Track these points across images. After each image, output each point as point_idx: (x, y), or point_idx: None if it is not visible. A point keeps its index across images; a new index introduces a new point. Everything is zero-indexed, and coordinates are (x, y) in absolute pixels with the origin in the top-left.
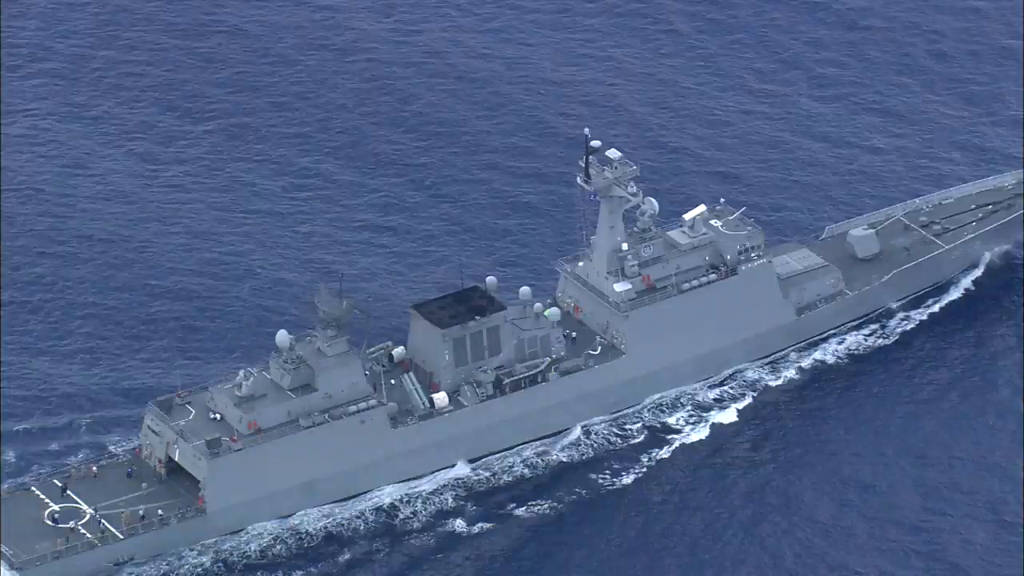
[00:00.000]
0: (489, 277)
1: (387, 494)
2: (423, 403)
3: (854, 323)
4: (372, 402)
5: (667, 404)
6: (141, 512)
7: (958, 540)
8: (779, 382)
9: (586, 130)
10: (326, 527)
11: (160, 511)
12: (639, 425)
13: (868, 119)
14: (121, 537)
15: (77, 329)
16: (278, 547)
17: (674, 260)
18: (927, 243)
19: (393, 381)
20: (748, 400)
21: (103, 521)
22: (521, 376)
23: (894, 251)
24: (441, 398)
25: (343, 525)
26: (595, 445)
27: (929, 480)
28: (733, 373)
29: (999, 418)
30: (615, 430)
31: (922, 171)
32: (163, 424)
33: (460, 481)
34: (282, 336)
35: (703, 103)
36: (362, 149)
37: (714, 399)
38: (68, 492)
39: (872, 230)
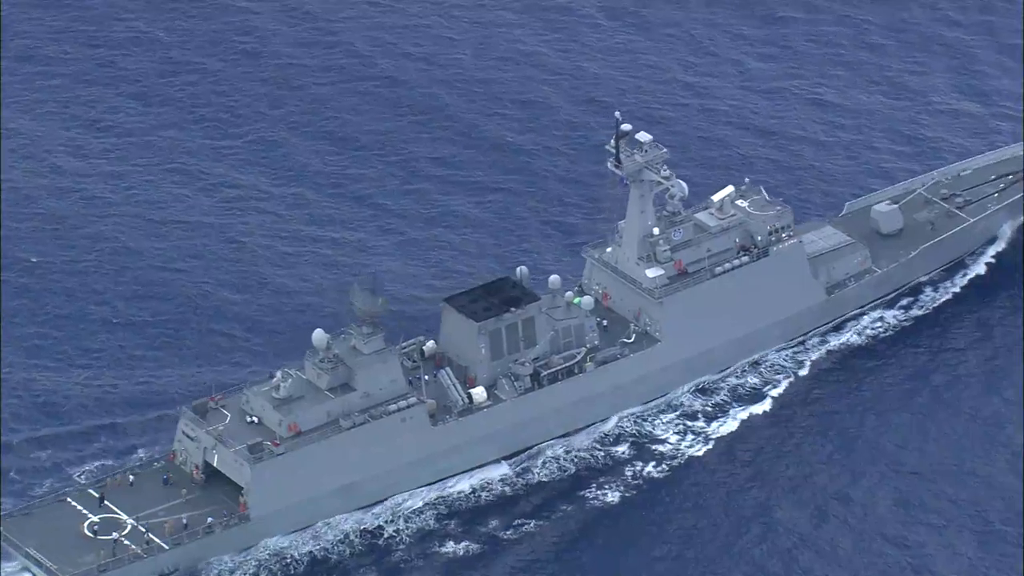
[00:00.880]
0: (520, 267)
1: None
2: (462, 399)
3: (879, 301)
4: (412, 400)
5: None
6: (184, 521)
7: None
8: (803, 372)
9: (617, 113)
10: (311, 551)
11: (209, 519)
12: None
13: (875, 98)
14: (166, 547)
15: (87, 334)
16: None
17: (705, 243)
18: (951, 216)
19: (427, 377)
20: (747, 414)
21: (148, 532)
22: (558, 368)
23: (918, 226)
24: (479, 393)
25: (327, 549)
26: (576, 460)
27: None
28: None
29: None
30: (598, 446)
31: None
32: (199, 429)
33: (504, 480)
34: (319, 335)
35: (704, 82)
36: (357, 136)
37: (706, 406)
38: (106, 502)
39: (896, 205)
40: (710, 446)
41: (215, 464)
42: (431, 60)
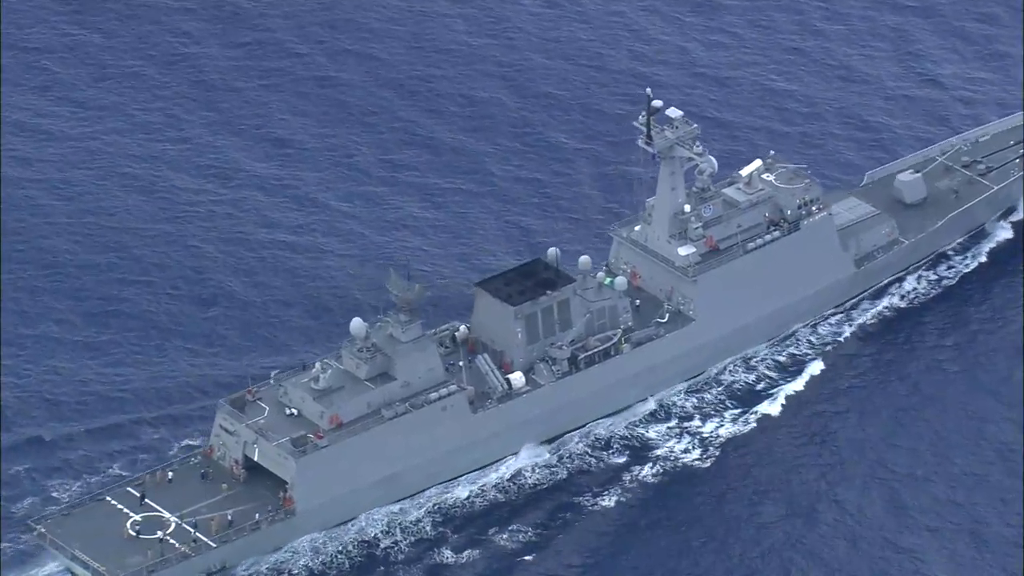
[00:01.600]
0: (551, 248)
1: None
2: (501, 385)
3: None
4: (452, 387)
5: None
6: (229, 517)
7: None
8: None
9: (648, 90)
10: (308, 565)
11: (256, 515)
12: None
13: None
14: (213, 545)
15: (97, 325)
16: None
17: (735, 219)
18: (973, 184)
19: (462, 363)
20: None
21: (195, 531)
22: (595, 350)
23: (941, 194)
24: (518, 378)
25: (325, 563)
26: (568, 463)
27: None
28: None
29: None
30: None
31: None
32: (238, 423)
33: (497, 486)
34: (357, 324)
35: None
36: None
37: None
38: (147, 500)
39: (919, 174)
40: (706, 450)
41: (256, 458)
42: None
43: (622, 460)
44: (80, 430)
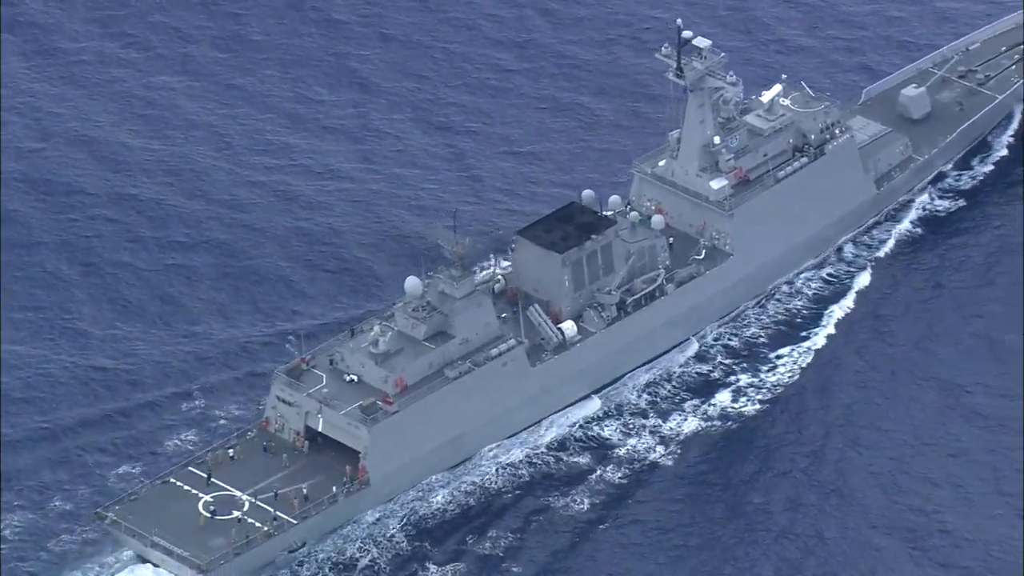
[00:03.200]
0: (586, 191)
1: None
2: (555, 335)
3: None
4: (512, 342)
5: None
6: (305, 491)
7: None
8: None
9: (679, 21)
10: None
11: (334, 488)
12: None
13: None
14: (294, 522)
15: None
16: None
17: (761, 148)
18: (975, 94)
19: (504, 315)
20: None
21: (275, 509)
22: (642, 293)
23: (944, 107)
24: (570, 327)
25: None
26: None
27: None
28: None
29: None
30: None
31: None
32: (298, 393)
33: (467, 491)
34: (413, 283)
35: None
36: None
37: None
38: (213, 480)
39: (923, 88)
40: (668, 446)
41: (319, 428)
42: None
43: (584, 460)
44: (107, 410)
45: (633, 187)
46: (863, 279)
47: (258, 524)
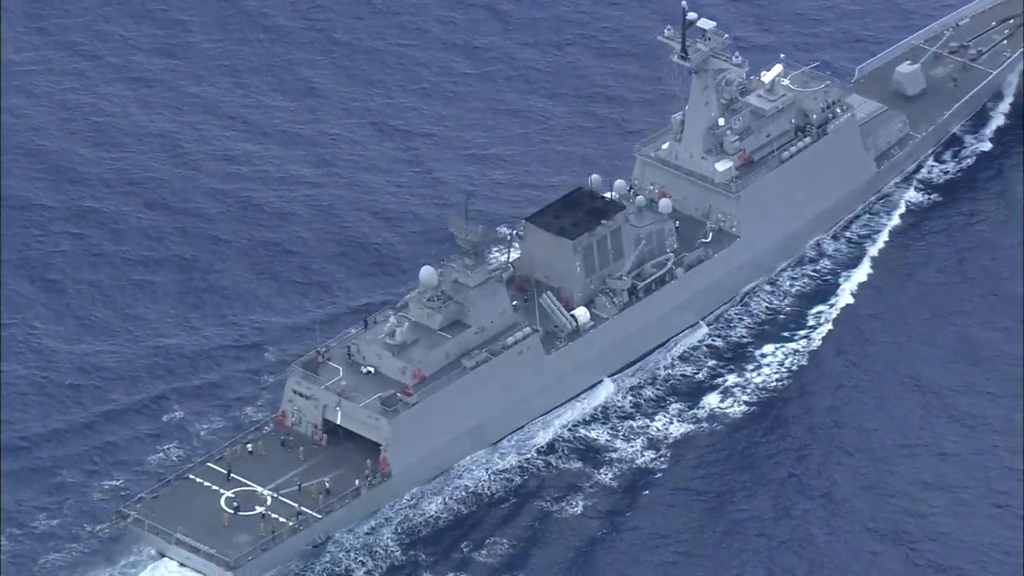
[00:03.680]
0: (593, 175)
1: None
2: (569, 322)
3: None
4: (527, 330)
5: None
6: (327, 485)
7: None
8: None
9: (683, 2)
10: None
11: (356, 481)
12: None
13: None
14: (319, 516)
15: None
16: None
17: (764, 128)
18: (968, 70)
19: (515, 302)
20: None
21: (299, 504)
22: (653, 277)
23: (939, 83)
24: (583, 314)
25: None
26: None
27: None
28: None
29: None
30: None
31: None
32: (315, 387)
33: (456, 498)
34: (428, 272)
35: None
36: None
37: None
38: (233, 475)
39: (917, 65)
40: (659, 449)
41: (338, 421)
42: None
43: (575, 465)
44: (123, 404)
45: (635, 171)
46: (846, 277)
47: (282, 519)
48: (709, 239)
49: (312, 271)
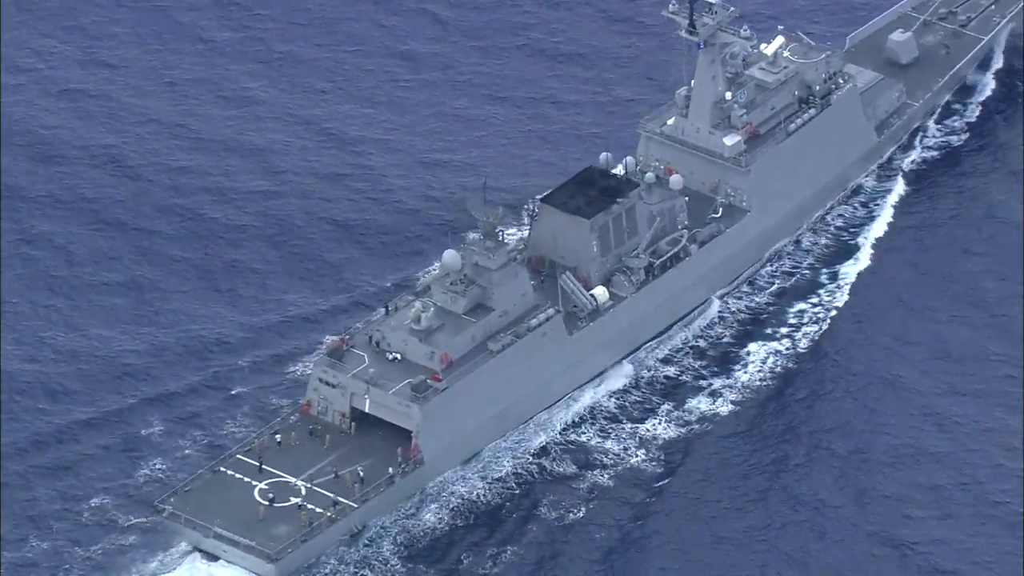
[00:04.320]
0: (603, 153)
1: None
2: (589, 302)
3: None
4: (550, 311)
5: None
6: (361, 474)
7: None
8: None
9: None
10: None
11: (389, 468)
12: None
13: None
14: (355, 506)
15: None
16: None
17: (768, 101)
18: (959, 36)
19: (532, 283)
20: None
21: (336, 495)
22: (668, 255)
23: (930, 50)
24: (602, 293)
25: None
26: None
27: None
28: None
29: None
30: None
31: None
32: (342, 375)
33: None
34: (452, 256)
35: None
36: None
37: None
38: (265, 467)
39: (909, 33)
40: (648, 450)
41: (366, 409)
42: None
43: (570, 469)
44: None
45: (639, 147)
46: (824, 272)
47: (319, 510)
48: (719, 214)
49: (269, 287)
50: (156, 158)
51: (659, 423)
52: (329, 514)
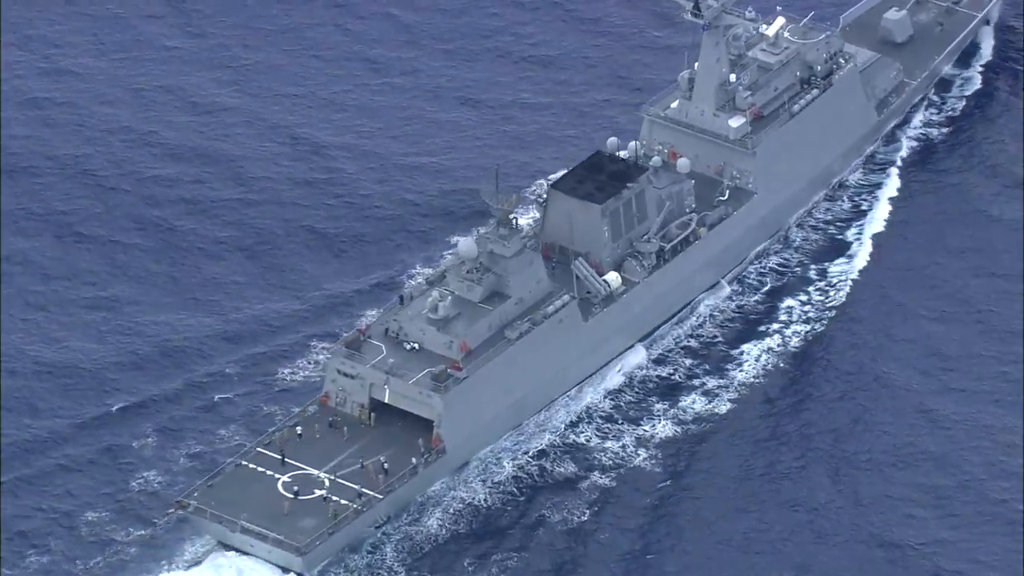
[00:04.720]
0: (611, 138)
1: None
2: (603, 288)
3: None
4: (565, 298)
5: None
6: (385, 465)
7: None
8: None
9: None
10: None
11: (413, 459)
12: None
13: None
14: (380, 497)
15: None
16: None
17: (771, 82)
18: (952, 13)
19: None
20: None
21: (361, 487)
22: (679, 239)
23: (924, 28)
24: (614, 278)
25: None
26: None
27: None
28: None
29: None
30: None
31: None
32: (360, 366)
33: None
34: (468, 244)
35: None
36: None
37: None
38: (287, 460)
39: (904, 11)
40: (648, 451)
41: (386, 400)
42: None
43: (569, 470)
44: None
45: (643, 131)
46: (813, 268)
47: (344, 502)
48: (726, 197)
49: (246, 299)
50: (130, 167)
51: (657, 423)
52: (355, 506)
